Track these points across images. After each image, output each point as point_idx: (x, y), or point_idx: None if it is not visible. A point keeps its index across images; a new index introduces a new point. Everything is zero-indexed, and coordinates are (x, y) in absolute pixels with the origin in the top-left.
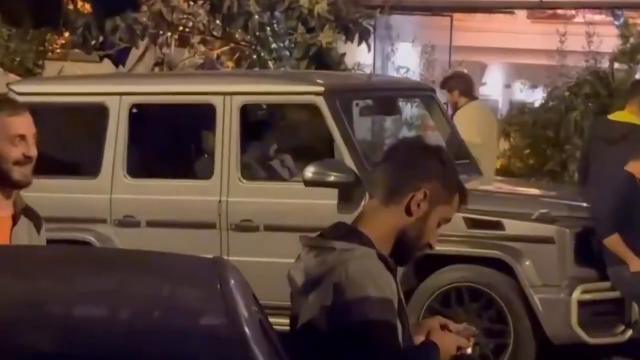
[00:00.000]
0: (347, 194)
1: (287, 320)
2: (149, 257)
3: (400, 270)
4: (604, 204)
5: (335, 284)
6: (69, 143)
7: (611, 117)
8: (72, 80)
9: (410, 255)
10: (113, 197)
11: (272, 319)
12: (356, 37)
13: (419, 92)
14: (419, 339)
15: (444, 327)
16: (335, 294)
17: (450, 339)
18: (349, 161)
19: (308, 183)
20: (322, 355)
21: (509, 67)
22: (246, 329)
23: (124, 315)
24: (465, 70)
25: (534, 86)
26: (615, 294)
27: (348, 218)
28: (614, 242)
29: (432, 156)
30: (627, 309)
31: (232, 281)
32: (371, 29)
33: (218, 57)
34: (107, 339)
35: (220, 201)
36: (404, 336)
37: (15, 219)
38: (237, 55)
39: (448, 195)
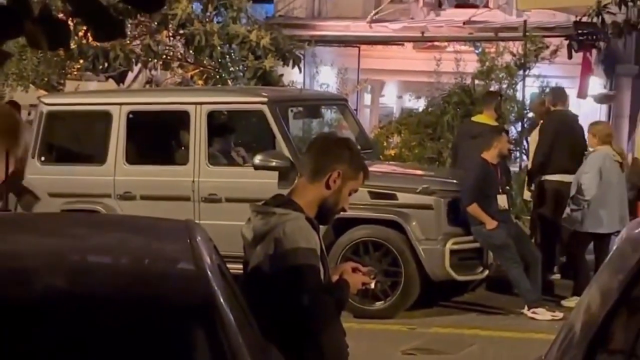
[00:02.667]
0: (285, 175)
1: (241, 266)
2: (138, 220)
3: (322, 228)
4: (467, 181)
5: (275, 239)
6: (83, 139)
7: (473, 119)
8: (85, 94)
9: (330, 217)
10: (116, 178)
11: (231, 265)
12: (291, 62)
13: (336, 102)
14: (335, 278)
15: (355, 269)
16: (275, 245)
17: (357, 277)
18: (286, 152)
19: (257, 167)
20: (267, 289)
21: (400, 84)
22: (208, 272)
23: (120, 262)
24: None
25: (418, 97)
26: (476, 245)
27: (285, 192)
28: (473, 209)
29: (343, 146)
30: (484, 256)
31: (199, 237)
32: (302, 56)
33: (191, 77)
34: (108, 280)
35: (193, 181)
36: (325, 276)
37: None
38: (205, 76)
39: (355, 173)
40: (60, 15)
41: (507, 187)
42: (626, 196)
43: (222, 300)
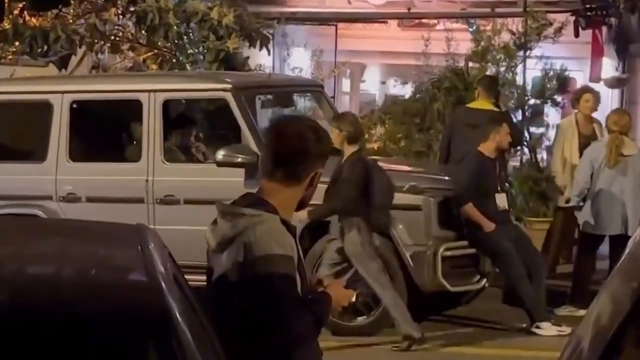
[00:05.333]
0: (252, 172)
1: (203, 277)
2: (83, 225)
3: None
4: (460, 178)
5: (245, 243)
6: (20, 134)
7: (470, 105)
8: (22, 81)
9: (302, 208)
10: (58, 177)
11: (191, 276)
12: (257, 43)
13: (310, 88)
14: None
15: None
16: (245, 251)
17: (342, 291)
18: (253, 146)
19: (220, 164)
20: (233, 303)
21: (384, 67)
22: (162, 283)
23: (63, 272)
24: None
25: (404, 82)
26: (472, 251)
27: (252, 192)
28: (468, 209)
29: (313, 137)
30: (480, 263)
31: (152, 244)
32: (270, 36)
33: (144, 61)
34: (50, 293)
35: (147, 180)
36: (302, 288)
37: None
38: (159, 59)
39: (325, 160)
40: None
41: (507, 185)
42: (636, 195)
43: (178, 314)
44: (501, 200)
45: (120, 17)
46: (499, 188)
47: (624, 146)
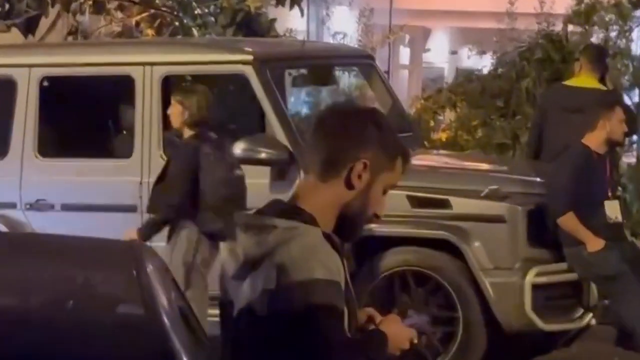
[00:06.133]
0: (281, 171)
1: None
2: (60, 241)
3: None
4: (558, 179)
5: (278, 266)
6: None
7: (569, 82)
8: None
9: (356, 231)
10: (23, 179)
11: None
12: (287, 0)
13: (357, 59)
14: (366, 325)
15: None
16: (278, 276)
17: (401, 330)
18: (281, 137)
19: (239, 161)
20: (262, 344)
21: (454, 32)
22: (164, 319)
23: (30, 305)
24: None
25: (482, 52)
26: (573, 276)
27: (283, 197)
28: (568, 221)
29: (366, 121)
30: (585, 293)
31: (150, 267)
32: None
33: (137, 24)
34: (17, 332)
35: (141, 182)
36: (351, 323)
37: None
38: (158, 22)
39: (390, 161)
40: None
41: (620, 189)
42: None
43: (184, 358)
44: (612, 209)
45: None
46: (609, 194)
47: None
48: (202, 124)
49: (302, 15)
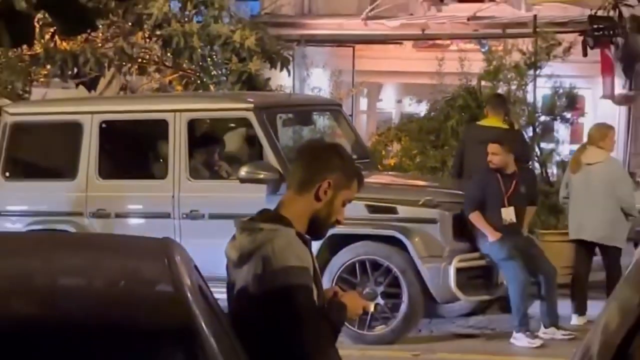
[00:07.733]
0: (274, 189)
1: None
2: (112, 239)
3: (316, 245)
4: (468, 190)
5: (263, 257)
6: (52, 153)
7: (481, 123)
8: (53, 102)
9: (323, 231)
10: (88, 194)
11: (216, 288)
12: (278, 64)
13: (329, 107)
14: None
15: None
16: (264, 264)
17: (356, 300)
18: (274, 162)
19: (243, 180)
20: (254, 313)
21: (400, 86)
22: (188, 294)
23: (93, 284)
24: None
25: (419, 101)
26: (484, 262)
27: (273, 207)
28: (474, 218)
29: (332, 152)
30: (494, 274)
31: (178, 257)
32: (290, 58)
33: (170, 82)
34: (78, 305)
35: (173, 196)
36: (319, 298)
37: None
38: (184, 80)
39: (348, 182)
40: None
41: (532, 199)
42: (606, 202)
43: (203, 325)
44: (507, 214)
45: (147, 40)
46: (506, 203)
47: (587, 155)
48: None
49: (289, 75)
